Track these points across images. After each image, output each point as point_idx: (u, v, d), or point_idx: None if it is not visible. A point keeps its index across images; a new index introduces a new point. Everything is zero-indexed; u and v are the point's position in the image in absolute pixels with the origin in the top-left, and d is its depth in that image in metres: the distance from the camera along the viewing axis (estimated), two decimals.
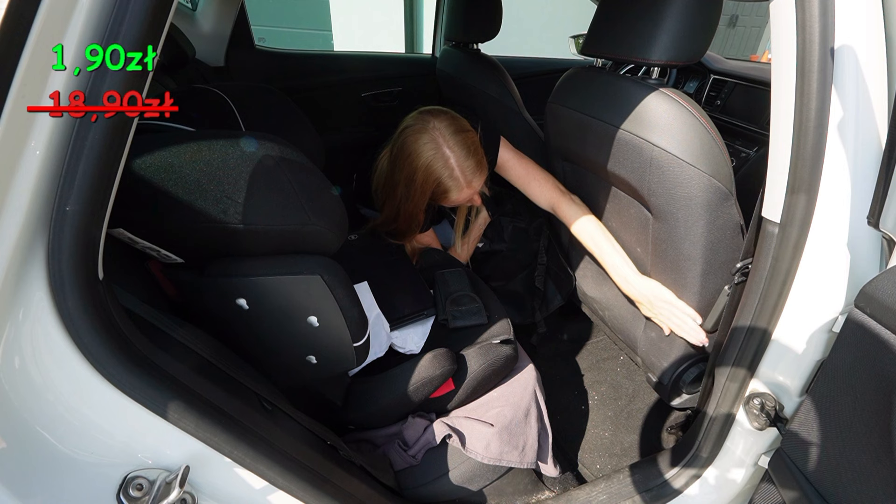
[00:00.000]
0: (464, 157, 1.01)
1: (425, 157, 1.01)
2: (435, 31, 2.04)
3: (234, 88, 0.79)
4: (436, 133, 1.01)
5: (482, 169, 1.05)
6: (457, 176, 1.02)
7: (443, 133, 1.01)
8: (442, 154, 1.00)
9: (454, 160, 1.01)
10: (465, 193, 1.06)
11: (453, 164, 1.01)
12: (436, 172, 1.01)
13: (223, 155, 0.58)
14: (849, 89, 0.58)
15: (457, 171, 1.01)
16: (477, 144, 1.05)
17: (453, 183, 1.03)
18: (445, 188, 1.03)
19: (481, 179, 1.06)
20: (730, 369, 0.78)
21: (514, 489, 1.00)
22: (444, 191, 1.04)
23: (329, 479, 0.65)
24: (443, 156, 1.00)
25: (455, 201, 1.08)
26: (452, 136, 1.01)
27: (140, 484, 0.49)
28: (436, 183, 1.02)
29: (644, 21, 0.79)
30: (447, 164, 1.01)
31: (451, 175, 1.02)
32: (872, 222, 0.53)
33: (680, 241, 0.86)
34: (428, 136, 1.01)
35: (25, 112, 0.40)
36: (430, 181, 1.02)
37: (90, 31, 0.41)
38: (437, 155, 1.00)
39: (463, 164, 1.01)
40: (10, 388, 0.44)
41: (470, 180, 1.03)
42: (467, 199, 1.09)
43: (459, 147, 1.01)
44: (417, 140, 1.01)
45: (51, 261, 0.44)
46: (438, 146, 1.00)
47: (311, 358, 0.74)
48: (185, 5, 1.63)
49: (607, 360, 1.47)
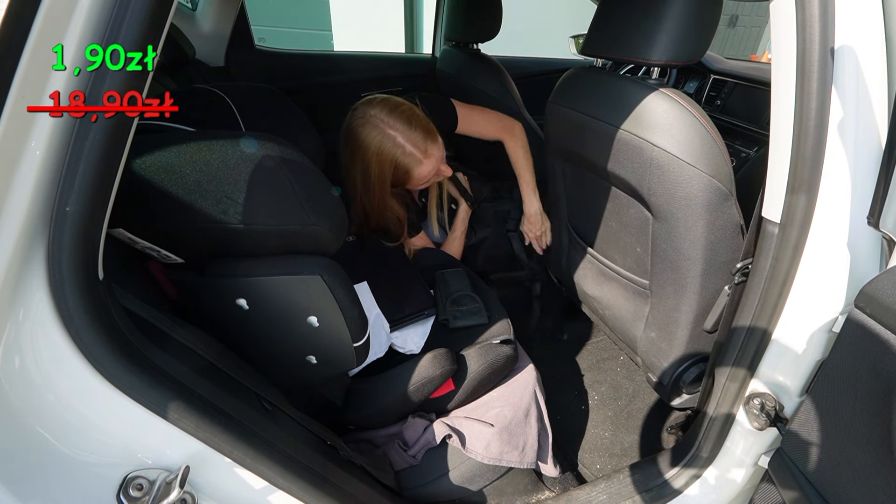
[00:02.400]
0: (408, 129, 1.01)
1: (373, 145, 1.00)
2: (435, 31, 2.04)
3: (234, 88, 0.79)
4: (375, 120, 1.01)
5: (432, 136, 1.05)
6: (410, 151, 1.01)
7: (380, 116, 1.01)
8: (387, 135, 1.00)
9: (401, 137, 1.00)
10: (426, 166, 1.04)
11: (402, 141, 1.00)
12: (388, 154, 1.01)
13: (223, 155, 0.58)
14: (849, 89, 0.58)
15: (408, 145, 1.01)
16: (416, 113, 1.05)
17: (409, 159, 1.02)
18: (405, 167, 1.02)
19: (436, 146, 1.05)
20: (730, 369, 0.78)
21: (514, 489, 1.00)
22: (405, 170, 1.03)
23: (329, 480, 0.65)
24: (389, 137, 1.00)
25: (421, 177, 1.06)
26: (390, 115, 1.01)
27: (140, 484, 0.49)
28: (392, 165, 1.02)
29: (644, 21, 0.79)
30: (396, 143, 1.00)
31: (403, 152, 1.01)
32: (872, 222, 0.53)
33: (680, 241, 0.86)
34: (369, 125, 1.01)
35: (25, 112, 0.40)
36: (385, 166, 1.02)
37: (90, 31, 0.41)
38: (383, 137, 1.00)
39: (411, 136, 1.01)
40: (10, 388, 0.44)
41: (424, 149, 1.02)
42: (432, 171, 1.07)
43: (401, 122, 1.01)
44: (360, 132, 1.01)
45: (51, 261, 0.44)
46: (381, 129, 1.00)
47: (311, 358, 0.74)
48: (185, 5, 1.63)
49: (607, 360, 1.47)
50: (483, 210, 1.43)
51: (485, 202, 1.44)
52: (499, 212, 1.44)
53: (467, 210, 1.36)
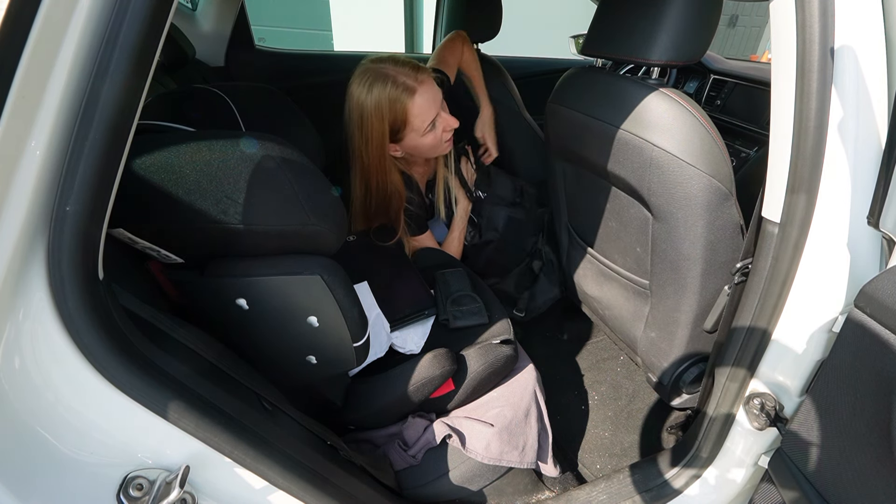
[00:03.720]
0: (396, 65, 1.01)
1: (366, 86, 1.00)
2: (435, 32, 2.04)
3: (234, 88, 0.79)
4: (364, 67, 1.02)
5: (420, 68, 1.03)
6: (401, 80, 0.99)
7: (369, 65, 1.02)
8: (375, 71, 1.00)
9: (389, 70, 1.00)
10: (422, 97, 1.00)
11: (391, 73, 0.99)
12: (380, 89, 0.99)
13: (223, 155, 0.58)
14: (849, 89, 0.58)
15: (399, 76, 0.99)
16: (402, 56, 1.05)
17: (400, 88, 0.99)
18: (400, 101, 0.99)
19: (428, 77, 1.02)
20: (730, 369, 0.78)
21: (514, 489, 1.00)
22: (402, 106, 1.00)
23: (329, 480, 0.65)
24: (377, 72, 1.00)
25: (419, 114, 1.01)
26: (378, 60, 1.02)
27: (140, 484, 0.49)
28: (387, 100, 0.99)
29: (644, 21, 0.79)
30: (385, 75, 0.99)
31: (394, 82, 0.99)
32: (872, 222, 0.53)
33: (680, 241, 0.86)
34: (360, 75, 1.02)
35: (25, 112, 0.40)
36: (382, 101, 0.99)
37: (90, 30, 0.41)
38: (374, 75, 1.00)
39: (398, 69, 1.00)
40: (10, 388, 0.44)
41: (416, 77, 1.00)
42: (431, 108, 1.02)
43: (388, 62, 1.01)
44: (353, 84, 1.02)
45: (51, 261, 0.44)
46: (372, 69, 1.01)
47: (311, 358, 0.74)
48: (185, 5, 1.63)
49: (607, 360, 1.47)
50: (495, 212, 1.36)
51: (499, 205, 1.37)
52: (513, 219, 1.37)
53: (466, 206, 1.31)
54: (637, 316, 1.08)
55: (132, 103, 0.45)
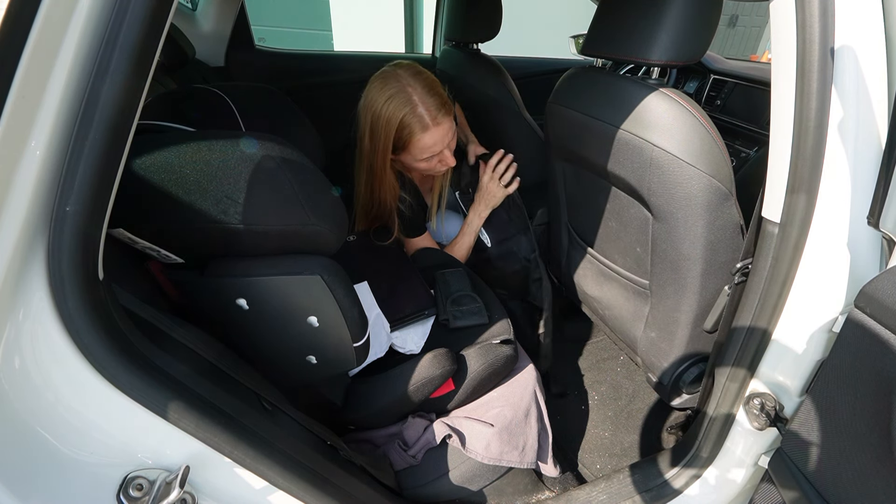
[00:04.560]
0: (426, 93, 1.00)
1: (387, 96, 0.99)
2: (435, 31, 2.04)
3: (234, 88, 0.79)
4: (397, 75, 1.00)
5: (447, 108, 1.03)
6: (420, 112, 0.99)
7: (403, 74, 1.00)
8: (403, 90, 0.99)
9: (416, 96, 0.99)
10: (430, 136, 1.01)
11: (416, 100, 0.99)
12: (398, 109, 0.99)
13: (223, 155, 0.58)
14: (849, 89, 0.58)
15: (420, 106, 0.99)
16: (437, 83, 1.04)
17: (416, 120, 0.99)
18: (409, 127, 1.00)
19: (448, 120, 1.03)
20: (730, 369, 0.78)
21: (514, 489, 1.00)
22: (409, 132, 1.00)
23: (329, 480, 0.65)
24: (404, 92, 0.99)
25: (423, 147, 1.03)
26: (412, 76, 1.00)
27: (140, 484, 0.49)
28: (399, 121, 1.00)
29: (644, 21, 0.79)
30: (410, 100, 0.99)
31: (413, 111, 0.99)
32: (872, 222, 0.53)
33: (680, 241, 0.86)
34: (390, 78, 1.00)
35: (25, 112, 0.40)
36: (393, 121, 1.00)
37: (90, 30, 0.41)
38: (399, 92, 0.99)
39: (425, 99, 0.99)
40: (10, 388, 0.44)
41: (434, 116, 1.00)
42: (435, 146, 1.04)
43: (420, 84, 1.00)
44: (380, 86, 1.01)
45: (51, 261, 0.44)
46: (400, 84, 0.99)
47: (311, 358, 0.74)
48: (185, 5, 1.63)
49: (607, 360, 1.47)
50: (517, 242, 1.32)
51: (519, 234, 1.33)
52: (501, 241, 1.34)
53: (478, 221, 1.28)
54: (637, 316, 1.08)
55: (132, 103, 0.45)
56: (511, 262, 1.34)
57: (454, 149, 1.13)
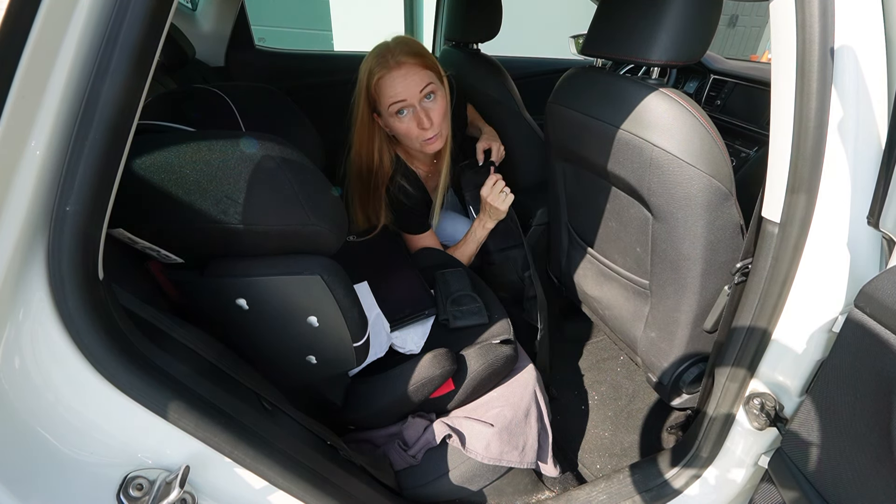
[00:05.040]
0: (398, 47, 1.03)
1: (370, 54, 1.05)
2: (435, 31, 2.04)
3: (234, 88, 0.79)
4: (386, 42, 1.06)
5: (415, 57, 1.04)
6: (386, 57, 1.02)
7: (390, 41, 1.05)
8: (381, 46, 1.05)
9: (389, 48, 1.03)
10: (392, 77, 1.01)
11: (387, 49, 1.03)
12: (370, 59, 1.04)
13: (223, 155, 0.58)
14: (849, 89, 0.58)
15: (388, 53, 1.02)
16: (418, 45, 1.07)
17: (381, 63, 1.02)
18: (375, 75, 1.03)
19: (411, 65, 1.03)
20: (730, 369, 0.78)
21: (514, 489, 1.00)
22: (378, 78, 1.03)
23: (329, 480, 0.65)
24: (382, 45, 1.04)
25: (388, 94, 1.03)
26: (395, 40, 1.06)
27: (140, 484, 0.49)
28: (368, 70, 1.03)
29: (644, 21, 0.79)
30: (382, 50, 1.04)
31: (381, 56, 1.02)
32: (872, 222, 0.53)
33: (680, 241, 0.86)
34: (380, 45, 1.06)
35: (25, 112, 0.40)
36: (364, 68, 1.04)
37: (90, 30, 0.41)
38: (377, 48, 1.05)
39: (394, 49, 1.03)
40: (10, 388, 0.44)
41: (398, 59, 1.02)
42: (399, 89, 1.02)
43: (397, 42, 1.05)
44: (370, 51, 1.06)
45: (51, 261, 0.44)
46: (383, 45, 1.05)
47: (311, 358, 0.74)
48: (185, 5, 1.63)
49: (607, 360, 1.47)
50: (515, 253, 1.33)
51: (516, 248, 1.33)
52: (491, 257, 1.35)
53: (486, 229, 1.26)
54: (637, 316, 1.08)
55: (132, 103, 0.45)
56: (508, 271, 1.34)
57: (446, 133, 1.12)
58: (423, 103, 1.06)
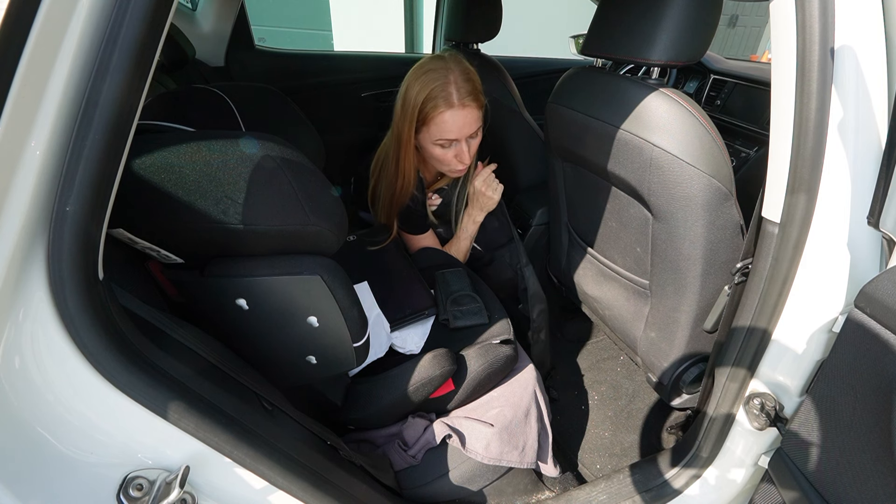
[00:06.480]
0: (461, 77, 1.03)
1: (426, 70, 1.03)
2: (435, 32, 2.04)
3: (234, 88, 0.79)
4: (443, 57, 1.05)
5: (476, 99, 1.05)
6: (449, 90, 1.01)
7: (448, 59, 1.04)
8: (442, 68, 1.03)
9: (452, 76, 1.02)
10: (452, 116, 1.02)
11: (450, 79, 1.02)
12: (431, 81, 1.02)
13: (223, 155, 0.58)
14: (849, 89, 0.58)
15: (452, 85, 1.02)
16: (476, 77, 1.07)
17: (444, 95, 1.01)
18: (434, 101, 1.02)
19: (473, 108, 1.05)
20: (730, 369, 0.78)
21: (514, 489, 1.00)
22: (433, 105, 1.02)
23: (329, 480, 0.65)
24: (443, 69, 1.03)
25: (442, 127, 1.04)
26: (457, 62, 1.04)
27: (140, 484, 0.49)
28: (428, 92, 1.02)
29: (644, 21, 0.79)
30: (444, 77, 1.02)
31: (444, 87, 1.01)
32: (872, 222, 0.53)
33: (680, 241, 0.86)
34: (437, 60, 1.04)
35: (25, 112, 0.40)
36: (423, 90, 1.02)
37: (90, 30, 0.41)
38: (438, 69, 1.03)
39: (459, 81, 1.02)
40: (10, 388, 0.44)
41: (461, 99, 1.02)
42: (455, 127, 1.04)
43: (460, 70, 1.03)
44: (425, 62, 1.05)
45: (51, 261, 0.44)
46: (443, 64, 1.03)
47: (311, 358, 0.74)
48: (185, 5, 1.63)
49: (607, 360, 1.47)
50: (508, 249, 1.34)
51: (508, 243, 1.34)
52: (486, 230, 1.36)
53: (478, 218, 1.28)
54: (637, 316, 1.08)
55: (132, 103, 0.45)
56: (503, 270, 1.35)
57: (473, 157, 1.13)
58: (467, 140, 1.09)
